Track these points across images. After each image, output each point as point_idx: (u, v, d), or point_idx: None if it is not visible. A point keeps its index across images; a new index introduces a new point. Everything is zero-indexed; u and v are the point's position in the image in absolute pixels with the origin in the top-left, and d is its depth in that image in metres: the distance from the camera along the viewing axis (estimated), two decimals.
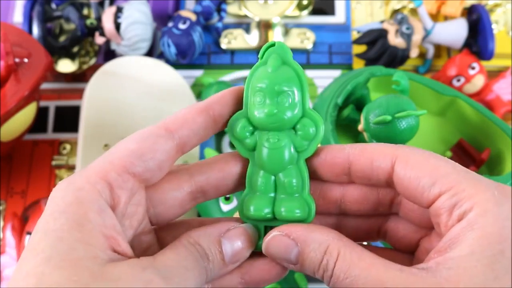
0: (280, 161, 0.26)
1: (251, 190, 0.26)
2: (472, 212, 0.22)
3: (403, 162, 0.24)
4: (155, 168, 0.25)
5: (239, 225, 0.26)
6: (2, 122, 0.43)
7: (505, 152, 0.42)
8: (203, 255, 0.24)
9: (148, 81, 0.48)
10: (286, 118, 0.26)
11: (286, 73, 0.26)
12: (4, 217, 0.47)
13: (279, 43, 0.26)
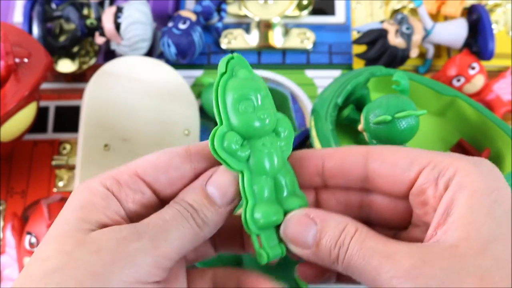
0: (279, 162, 0.27)
1: (255, 199, 0.26)
2: (456, 176, 0.23)
3: (377, 155, 0.26)
4: (165, 182, 0.25)
5: (219, 167, 0.26)
6: (2, 122, 0.43)
7: (505, 152, 0.42)
8: (188, 207, 0.24)
9: (148, 81, 0.48)
10: (275, 121, 0.27)
11: (257, 80, 0.27)
12: (4, 217, 0.47)
13: (238, 56, 0.26)
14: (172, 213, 0.24)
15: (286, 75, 0.54)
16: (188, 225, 0.24)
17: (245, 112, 0.26)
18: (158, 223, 0.23)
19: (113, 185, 0.25)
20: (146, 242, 0.23)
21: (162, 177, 0.25)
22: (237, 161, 0.26)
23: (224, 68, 0.26)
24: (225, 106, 0.26)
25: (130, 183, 0.25)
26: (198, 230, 0.25)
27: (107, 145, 0.45)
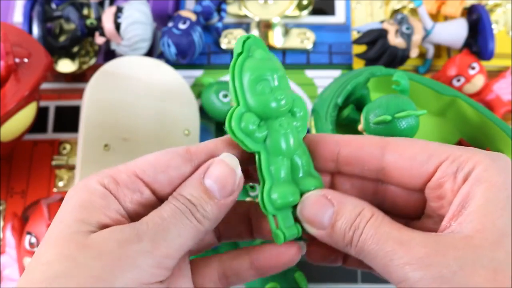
0: (295, 142, 0.27)
1: (272, 180, 0.26)
2: (476, 169, 0.23)
3: (394, 147, 0.26)
4: (165, 182, 0.25)
5: (215, 159, 0.26)
6: (2, 122, 0.43)
7: (505, 152, 0.42)
8: (186, 202, 0.24)
9: (148, 81, 0.48)
10: (291, 102, 0.26)
11: (273, 61, 0.26)
12: (4, 217, 0.47)
13: (254, 36, 0.27)
14: (170, 210, 0.24)
15: None
16: (187, 222, 0.24)
17: (262, 93, 0.26)
18: (157, 222, 0.23)
19: (111, 184, 0.24)
20: (146, 243, 0.22)
21: (161, 177, 0.25)
22: (254, 142, 0.26)
23: (240, 48, 0.26)
24: (242, 86, 0.26)
25: (128, 183, 0.25)
26: (198, 226, 0.24)
27: (107, 145, 0.45)
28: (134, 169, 0.25)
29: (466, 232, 0.22)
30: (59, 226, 0.23)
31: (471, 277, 0.20)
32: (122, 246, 0.22)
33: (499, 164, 0.23)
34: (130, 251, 0.22)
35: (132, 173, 0.25)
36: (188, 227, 0.24)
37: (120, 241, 0.22)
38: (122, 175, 0.25)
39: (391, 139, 0.26)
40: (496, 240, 0.21)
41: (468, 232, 0.22)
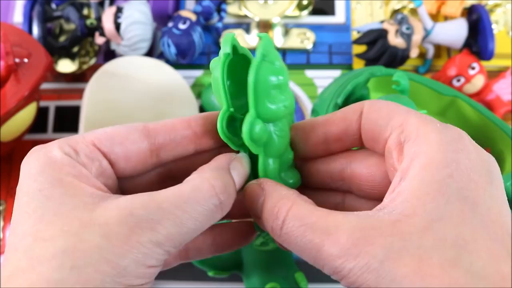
0: (287, 144, 0.27)
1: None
2: (418, 141, 0.22)
3: (367, 108, 0.25)
4: (121, 154, 0.25)
5: (236, 155, 0.26)
6: (2, 122, 0.43)
7: (505, 152, 0.42)
8: (224, 191, 0.23)
9: (148, 81, 0.48)
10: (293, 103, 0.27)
11: (276, 61, 0.26)
12: (4, 217, 0.47)
13: (266, 36, 0.26)
14: (195, 200, 0.23)
15: None
16: (210, 215, 0.23)
17: (270, 98, 0.25)
18: (176, 213, 0.22)
19: (72, 153, 0.24)
20: (161, 236, 0.22)
21: (118, 148, 0.25)
22: (257, 146, 0.26)
23: (229, 48, 0.25)
24: (256, 92, 0.25)
25: (87, 151, 0.24)
26: (217, 219, 0.24)
27: None
28: (91, 138, 0.25)
29: (395, 215, 0.21)
30: (48, 203, 0.22)
31: (397, 267, 0.19)
32: (134, 232, 0.21)
33: (443, 137, 0.22)
34: (142, 238, 0.21)
35: (90, 142, 0.24)
36: (207, 219, 0.23)
37: (132, 226, 0.21)
38: (80, 143, 0.24)
39: (368, 102, 0.25)
40: (424, 226, 0.20)
41: (397, 216, 0.21)
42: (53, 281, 0.20)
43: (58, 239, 0.21)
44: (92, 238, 0.21)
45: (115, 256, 0.21)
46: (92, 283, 0.20)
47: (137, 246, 0.21)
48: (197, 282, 0.46)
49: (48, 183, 0.23)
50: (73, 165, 0.23)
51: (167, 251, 0.22)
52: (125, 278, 0.21)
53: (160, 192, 0.23)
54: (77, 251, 0.21)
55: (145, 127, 0.26)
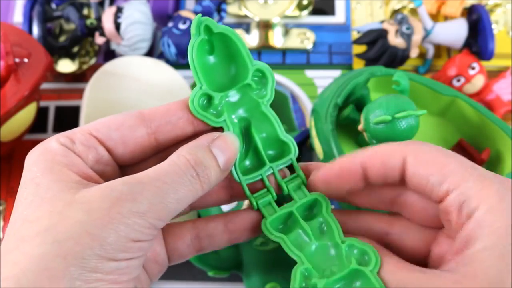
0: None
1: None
2: (479, 210, 0.23)
3: (413, 160, 0.25)
4: (118, 139, 0.25)
5: (221, 133, 0.26)
6: (2, 122, 0.43)
7: (505, 152, 0.42)
8: (193, 162, 0.24)
9: (148, 81, 0.48)
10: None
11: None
12: (4, 217, 0.47)
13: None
14: (171, 170, 0.24)
15: (286, 75, 0.54)
16: (188, 183, 0.24)
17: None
18: (154, 182, 0.23)
19: (68, 142, 0.25)
20: (141, 204, 0.22)
21: (115, 134, 0.25)
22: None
23: (196, 30, 0.26)
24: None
25: (83, 140, 0.25)
26: (198, 189, 0.24)
27: None
28: (88, 128, 0.26)
29: (458, 275, 0.22)
30: (38, 189, 0.23)
31: None
32: (116, 204, 0.22)
33: (505, 205, 0.23)
34: (123, 209, 0.22)
35: (86, 131, 0.25)
36: (188, 190, 0.24)
37: (113, 199, 0.22)
38: (77, 134, 0.25)
39: (411, 147, 0.25)
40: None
41: (459, 276, 0.22)
42: (34, 256, 0.21)
43: (43, 220, 0.22)
44: (74, 214, 0.22)
45: (96, 229, 0.21)
46: (72, 255, 0.21)
47: (118, 217, 0.22)
48: (197, 282, 0.46)
49: (40, 171, 0.23)
50: (66, 155, 0.24)
51: (151, 223, 0.22)
52: (107, 250, 0.21)
53: (141, 173, 0.23)
54: (59, 227, 0.21)
55: (140, 113, 0.26)
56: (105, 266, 0.21)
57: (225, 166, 0.25)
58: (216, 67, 0.27)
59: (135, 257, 0.23)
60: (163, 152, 0.27)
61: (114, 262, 0.22)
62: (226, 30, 0.26)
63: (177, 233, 0.28)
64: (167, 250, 0.28)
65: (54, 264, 0.21)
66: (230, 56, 0.27)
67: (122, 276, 0.22)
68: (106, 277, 0.21)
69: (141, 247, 0.23)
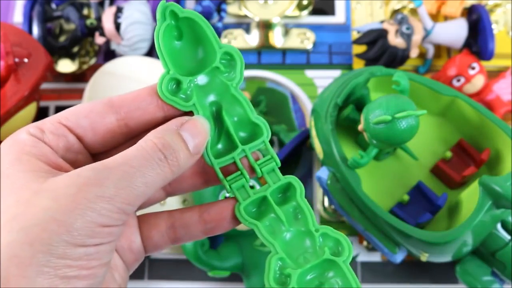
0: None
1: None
2: None
3: None
4: (87, 126, 0.26)
5: (191, 117, 0.26)
6: (2, 122, 0.43)
7: (505, 152, 0.42)
8: (161, 146, 0.24)
9: (148, 81, 0.48)
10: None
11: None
12: None
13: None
14: (138, 154, 0.23)
15: (286, 75, 0.54)
16: (156, 167, 0.24)
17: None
18: (121, 167, 0.23)
19: (37, 132, 0.25)
20: (107, 188, 0.22)
21: (84, 121, 0.25)
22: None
23: (161, 15, 0.26)
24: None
25: (52, 129, 0.25)
26: (167, 172, 0.24)
27: None
28: (57, 117, 0.26)
29: None
30: (7, 180, 0.23)
31: None
32: (82, 190, 0.22)
33: None
34: (89, 194, 0.22)
35: (56, 120, 0.25)
36: (156, 173, 0.24)
37: (79, 185, 0.22)
38: (46, 123, 0.25)
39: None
40: None
41: None
42: (3, 245, 0.21)
43: (11, 209, 0.22)
44: (41, 202, 0.22)
45: (62, 215, 0.21)
46: (38, 241, 0.21)
47: (84, 202, 0.22)
48: (197, 282, 0.46)
49: (9, 163, 0.24)
50: (34, 145, 0.24)
51: (119, 208, 0.22)
52: (75, 236, 0.21)
53: (108, 158, 0.23)
54: (26, 214, 0.21)
55: (110, 99, 0.26)
56: (73, 252, 0.21)
57: (195, 149, 0.25)
58: (184, 52, 0.27)
59: (105, 242, 0.22)
60: (135, 138, 0.27)
61: (83, 248, 0.22)
62: (191, 14, 0.27)
63: (152, 222, 0.28)
64: (142, 239, 0.28)
65: (21, 251, 0.21)
66: (197, 40, 0.27)
67: (91, 261, 0.22)
68: (75, 263, 0.21)
69: (111, 232, 0.23)
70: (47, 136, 0.25)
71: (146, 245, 0.28)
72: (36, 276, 0.21)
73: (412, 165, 0.45)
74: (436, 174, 0.45)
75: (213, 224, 0.28)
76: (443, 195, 0.42)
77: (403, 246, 0.41)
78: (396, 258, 0.41)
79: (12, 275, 0.21)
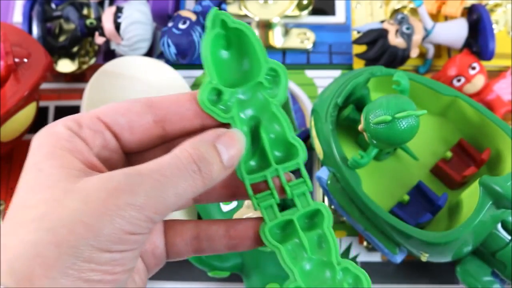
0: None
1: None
2: None
3: None
4: (125, 125, 0.25)
5: (227, 130, 0.26)
6: (2, 122, 0.43)
7: (505, 152, 0.42)
8: (195, 157, 0.24)
9: (148, 81, 0.48)
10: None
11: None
12: (4, 217, 0.47)
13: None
14: (173, 163, 0.23)
15: None
16: (189, 178, 0.23)
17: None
18: (155, 176, 0.22)
19: (75, 126, 0.24)
20: (139, 198, 0.22)
21: (122, 119, 0.25)
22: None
23: (211, 23, 0.26)
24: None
25: (90, 124, 0.25)
26: (199, 184, 0.24)
27: None
28: (95, 112, 0.25)
29: None
30: (39, 174, 0.23)
31: None
32: (113, 195, 0.21)
33: None
34: (120, 201, 0.21)
35: (94, 115, 0.25)
36: (188, 184, 0.23)
37: (110, 190, 0.22)
38: (84, 117, 0.25)
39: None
40: None
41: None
42: (28, 242, 0.21)
43: (40, 206, 0.22)
44: (71, 203, 0.21)
45: (91, 219, 0.21)
46: (65, 243, 0.21)
47: (114, 208, 0.21)
48: (197, 282, 0.46)
49: (43, 156, 0.23)
50: (70, 140, 0.24)
51: (148, 217, 0.22)
52: (101, 241, 0.21)
53: (142, 164, 0.23)
54: (55, 214, 0.21)
55: (148, 99, 0.26)
56: (99, 257, 0.21)
57: (229, 163, 0.25)
58: (229, 62, 0.27)
59: (130, 249, 0.22)
60: (169, 142, 0.27)
61: (108, 254, 0.21)
62: (241, 26, 0.26)
63: (178, 229, 0.28)
64: (166, 245, 0.28)
65: (47, 251, 0.21)
66: (244, 52, 0.27)
67: (116, 267, 0.22)
68: (100, 267, 0.21)
69: (137, 240, 0.22)
70: (84, 131, 0.24)
71: (169, 251, 0.28)
72: (60, 278, 0.21)
73: (412, 165, 0.45)
74: (436, 174, 0.45)
75: (237, 241, 0.28)
76: (443, 195, 0.42)
77: (403, 246, 0.41)
78: (396, 258, 0.41)
79: (35, 275, 0.20)
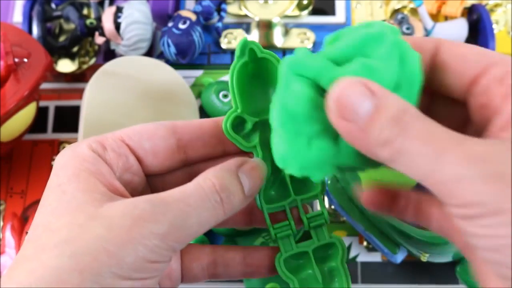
0: None
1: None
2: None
3: (448, 45, 0.23)
4: (149, 149, 0.25)
5: (249, 159, 0.26)
6: (2, 122, 0.43)
7: None
8: (219, 188, 0.24)
9: (148, 81, 0.48)
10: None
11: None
12: (3, 217, 0.47)
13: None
14: (196, 192, 0.23)
15: None
16: (211, 209, 0.23)
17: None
18: (179, 207, 0.22)
19: (99, 148, 0.24)
20: (162, 226, 0.22)
21: (146, 144, 0.25)
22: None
23: (239, 51, 0.26)
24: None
25: (114, 146, 0.25)
26: (221, 215, 0.24)
27: None
28: (120, 134, 0.25)
29: None
30: (63, 197, 0.23)
31: None
32: (137, 223, 0.22)
33: None
34: (144, 230, 0.22)
35: (118, 138, 0.25)
36: (210, 214, 0.23)
37: (135, 218, 0.22)
38: (109, 139, 0.25)
39: (444, 40, 0.23)
40: None
41: None
42: (51, 268, 0.21)
43: (63, 230, 0.22)
44: (95, 229, 0.21)
45: (114, 247, 0.21)
46: (88, 271, 0.21)
47: (138, 237, 0.21)
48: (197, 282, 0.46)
49: (66, 177, 0.23)
50: (95, 162, 0.24)
51: (170, 246, 0.22)
52: (124, 269, 0.21)
53: (166, 191, 0.23)
54: (78, 240, 0.21)
55: (173, 124, 0.26)
56: (120, 284, 0.21)
57: (249, 192, 0.25)
58: (255, 91, 0.27)
59: (151, 277, 0.22)
60: (190, 166, 0.27)
61: (130, 281, 0.22)
62: (270, 56, 0.26)
63: (195, 254, 0.28)
64: (182, 269, 0.28)
65: (70, 277, 0.21)
66: (271, 81, 0.27)
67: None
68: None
69: (158, 268, 0.22)
70: (108, 154, 0.25)
71: (185, 275, 0.28)
72: None
73: None
74: None
75: (253, 269, 0.28)
76: None
77: (403, 246, 0.40)
78: (396, 258, 0.41)
79: None
